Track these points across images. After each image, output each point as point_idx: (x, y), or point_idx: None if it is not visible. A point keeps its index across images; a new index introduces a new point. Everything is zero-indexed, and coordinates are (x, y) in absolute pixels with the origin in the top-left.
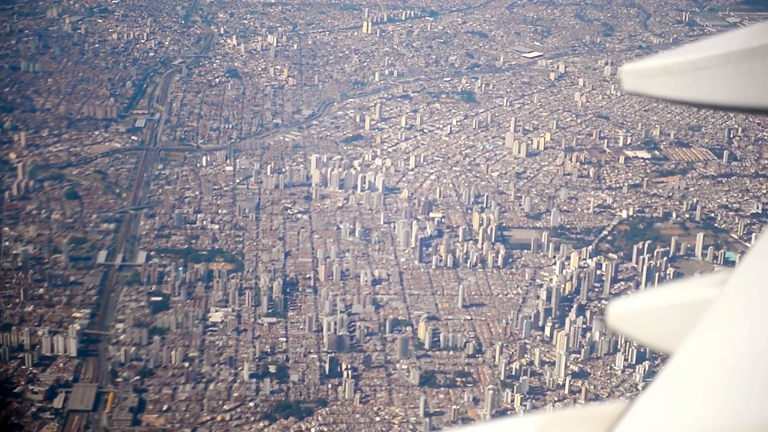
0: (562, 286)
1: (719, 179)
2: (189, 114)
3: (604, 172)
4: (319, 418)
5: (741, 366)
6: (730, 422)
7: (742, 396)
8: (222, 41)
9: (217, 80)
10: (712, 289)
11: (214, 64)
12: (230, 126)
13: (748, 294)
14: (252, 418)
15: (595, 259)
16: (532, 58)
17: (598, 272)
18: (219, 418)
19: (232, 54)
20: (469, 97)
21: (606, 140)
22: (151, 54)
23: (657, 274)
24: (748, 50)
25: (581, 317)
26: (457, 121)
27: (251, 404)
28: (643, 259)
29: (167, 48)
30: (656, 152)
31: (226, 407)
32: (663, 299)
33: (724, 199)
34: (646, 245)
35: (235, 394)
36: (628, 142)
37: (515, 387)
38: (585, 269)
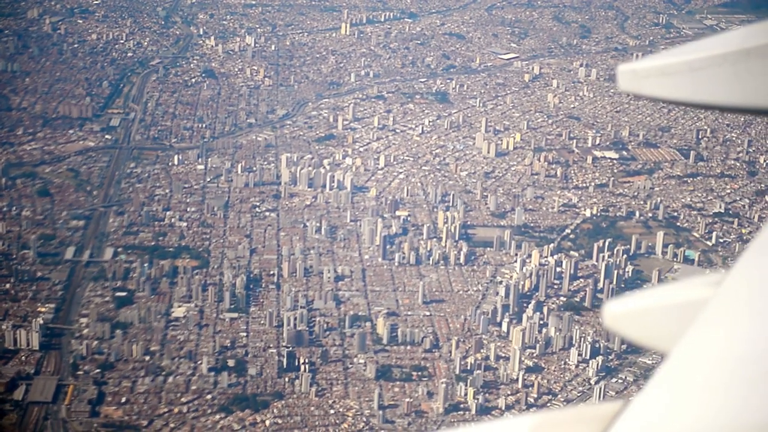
0: (522, 283)
1: (685, 179)
2: (163, 113)
3: (572, 171)
4: (275, 410)
5: (736, 366)
6: (726, 422)
7: (737, 396)
8: (201, 42)
9: (193, 80)
10: (707, 289)
11: (192, 65)
12: (204, 125)
13: (742, 294)
14: (209, 411)
15: (556, 256)
16: (507, 59)
17: (558, 270)
18: (176, 410)
19: (210, 54)
20: (443, 97)
21: (575, 140)
22: (130, 54)
23: (616, 272)
24: (744, 51)
25: (538, 313)
26: (429, 122)
27: (209, 397)
28: (603, 256)
29: (146, 48)
30: (624, 152)
31: (183, 400)
32: (658, 300)
33: (688, 199)
34: (607, 243)
35: (194, 387)
36: (597, 142)
37: (469, 381)
38: (545, 266)
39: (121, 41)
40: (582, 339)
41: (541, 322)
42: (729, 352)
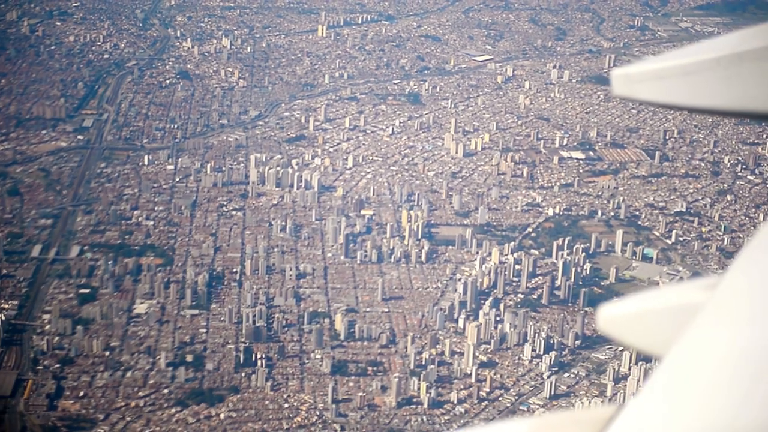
0: (480, 280)
1: (649, 179)
2: (136, 114)
3: (538, 172)
4: (230, 404)
5: (730, 370)
6: (721, 425)
7: (732, 399)
8: (177, 44)
9: (167, 82)
10: (702, 293)
11: (167, 66)
12: (176, 126)
13: (737, 298)
14: (165, 404)
15: (516, 254)
16: (482, 61)
17: (517, 267)
18: (133, 404)
19: (186, 56)
20: (416, 99)
21: (543, 141)
22: (106, 56)
23: (574, 269)
24: (737, 55)
25: (495, 310)
26: (400, 123)
27: (165, 391)
28: (562, 254)
29: (122, 50)
30: (591, 153)
31: (141, 394)
32: (652, 303)
33: (651, 198)
34: (567, 241)
35: (151, 382)
36: (565, 143)
37: (422, 376)
38: (505, 264)
39: (98, 43)
40: (537, 335)
41: (498, 318)
42: (723, 355)
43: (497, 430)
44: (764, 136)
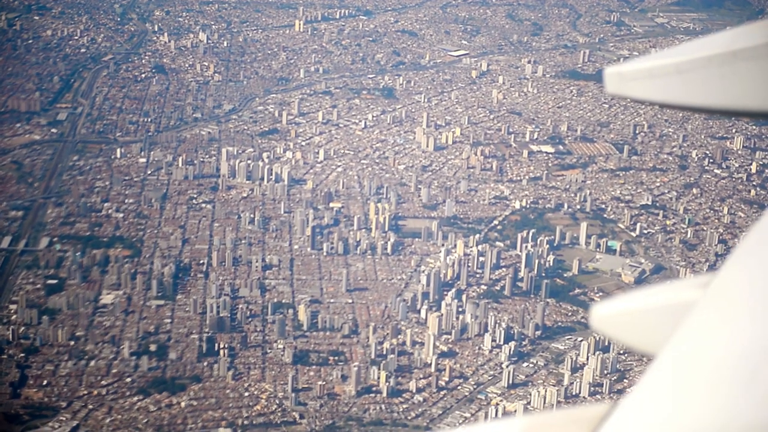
0: (444, 272)
1: (617, 173)
2: (110, 108)
3: (507, 165)
4: (191, 393)
5: (724, 368)
6: (715, 423)
7: (725, 398)
8: (155, 38)
9: (143, 76)
10: (696, 291)
11: (143, 60)
12: (149, 120)
13: (730, 296)
14: (127, 393)
15: (480, 246)
16: (457, 56)
17: (482, 259)
18: (95, 392)
19: (162, 51)
20: (389, 93)
21: (513, 135)
22: (83, 50)
23: (537, 261)
24: (731, 53)
25: (457, 301)
26: (372, 117)
27: (128, 380)
28: (526, 246)
29: (99, 44)
30: (561, 147)
31: (103, 382)
32: (646, 301)
33: (618, 192)
34: (531, 234)
35: (114, 371)
36: (535, 137)
37: (382, 365)
38: (469, 256)
39: (76, 37)
40: (497, 325)
41: (459, 309)
42: (717, 353)
43: (491, 430)
44: (733, 130)
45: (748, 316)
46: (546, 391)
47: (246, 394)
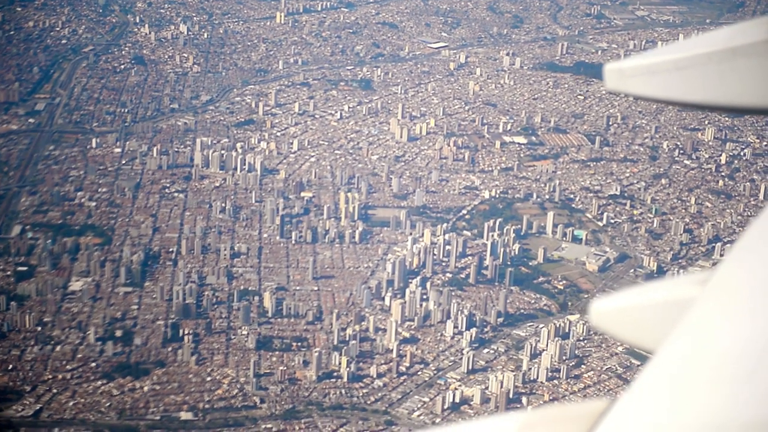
0: (410, 260)
1: (588, 163)
2: (88, 99)
3: (479, 156)
4: (154, 377)
5: (723, 365)
6: (713, 421)
7: (724, 395)
8: (136, 30)
9: (122, 67)
10: (695, 288)
11: (123, 52)
12: (126, 110)
13: (730, 293)
14: (92, 377)
15: (447, 235)
16: (436, 48)
17: (448, 248)
18: (60, 377)
19: (142, 42)
20: (367, 84)
21: (487, 126)
22: (64, 41)
23: (503, 250)
24: (729, 50)
25: (421, 288)
26: (349, 108)
27: (93, 365)
28: (493, 235)
29: (80, 36)
30: (533, 138)
31: (68, 367)
32: (645, 298)
33: (588, 182)
34: (498, 223)
35: (79, 356)
36: (509, 128)
37: (344, 351)
38: (435, 245)
39: (57, 29)
40: (460, 312)
41: (424, 296)
42: (716, 350)
43: (487, 427)
44: (706, 122)
45: (747, 312)
46: (504, 376)
47: (208, 378)
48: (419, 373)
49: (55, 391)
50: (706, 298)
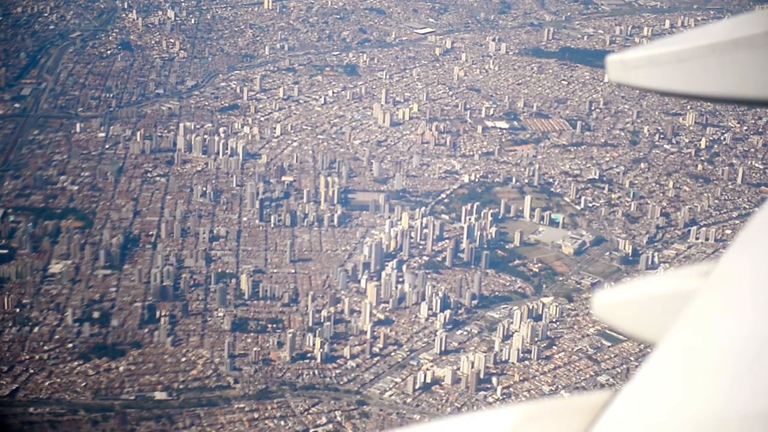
0: (387, 243)
1: (569, 148)
2: (74, 84)
3: (461, 140)
4: (130, 358)
5: (725, 357)
6: (714, 414)
7: (726, 387)
8: (123, 15)
9: (108, 52)
10: (698, 280)
11: (110, 37)
12: (111, 95)
13: (731, 285)
14: (68, 358)
15: (425, 219)
16: (423, 34)
17: (425, 231)
18: (37, 357)
19: (129, 27)
20: (352, 70)
21: (470, 111)
22: (51, 27)
23: (480, 233)
24: (732, 41)
25: (397, 271)
26: (333, 93)
27: (70, 345)
28: (470, 219)
29: (68, 21)
30: (515, 122)
31: (45, 348)
32: (648, 290)
33: (567, 166)
34: (475, 206)
35: (57, 337)
36: (491, 113)
37: (318, 332)
38: (413, 228)
39: (45, 14)
40: (435, 294)
41: (399, 279)
42: (718, 342)
43: (487, 417)
44: (687, 107)
45: (749, 304)
46: (475, 357)
47: (183, 359)
48: (392, 354)
49: (32, 371)
50: (708, 290)
